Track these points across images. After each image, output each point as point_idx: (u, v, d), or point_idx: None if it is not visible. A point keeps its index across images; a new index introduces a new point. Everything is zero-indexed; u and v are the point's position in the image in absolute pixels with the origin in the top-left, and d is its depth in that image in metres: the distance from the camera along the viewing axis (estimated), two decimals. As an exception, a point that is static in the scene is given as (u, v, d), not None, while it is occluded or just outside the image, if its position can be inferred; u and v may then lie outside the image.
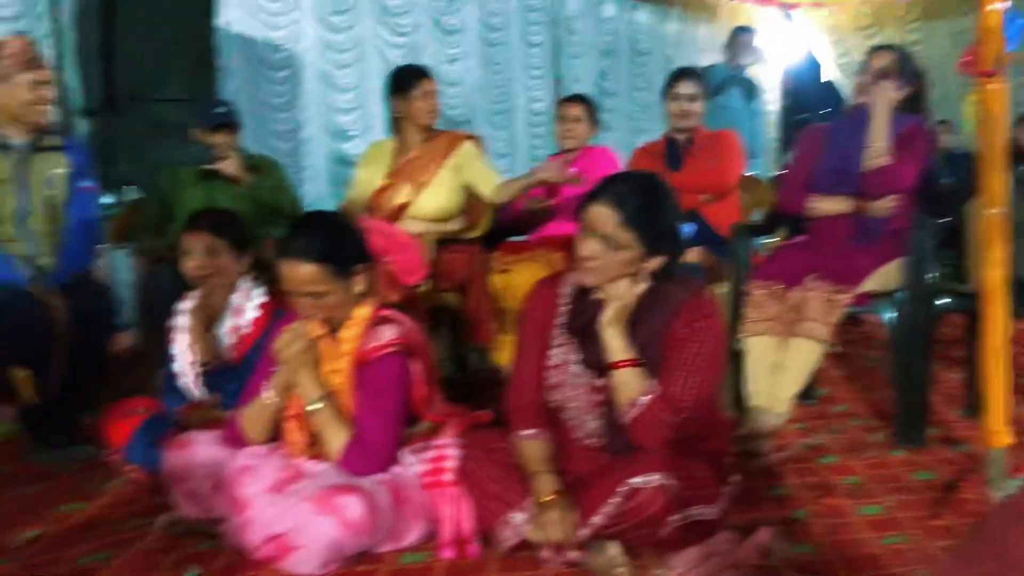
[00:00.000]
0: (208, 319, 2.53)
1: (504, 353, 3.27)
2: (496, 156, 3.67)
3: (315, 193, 5.62)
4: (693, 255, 3.23)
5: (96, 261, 3.09)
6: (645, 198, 1.86)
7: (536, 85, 6.81)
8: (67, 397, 2.80)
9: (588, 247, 1.88)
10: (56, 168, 2.91)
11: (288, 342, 2.05)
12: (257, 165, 3.45)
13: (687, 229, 2.43)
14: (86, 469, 2.65)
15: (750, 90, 5.84)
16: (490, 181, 3.28)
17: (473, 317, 3.22)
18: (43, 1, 4.51)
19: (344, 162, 5.84)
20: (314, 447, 2.08)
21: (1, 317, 2.69)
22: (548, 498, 1.86)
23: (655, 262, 1.89)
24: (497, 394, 3.13)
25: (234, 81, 5.03)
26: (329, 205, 4.81)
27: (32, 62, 2.83)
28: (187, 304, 2.56)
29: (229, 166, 3.34)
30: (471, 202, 3.39)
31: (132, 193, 4.04)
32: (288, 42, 5.55)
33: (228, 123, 3.38)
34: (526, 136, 6.75)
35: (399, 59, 5.77)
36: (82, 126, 4.32)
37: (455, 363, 3.59)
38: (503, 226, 3.57)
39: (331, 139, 5.85)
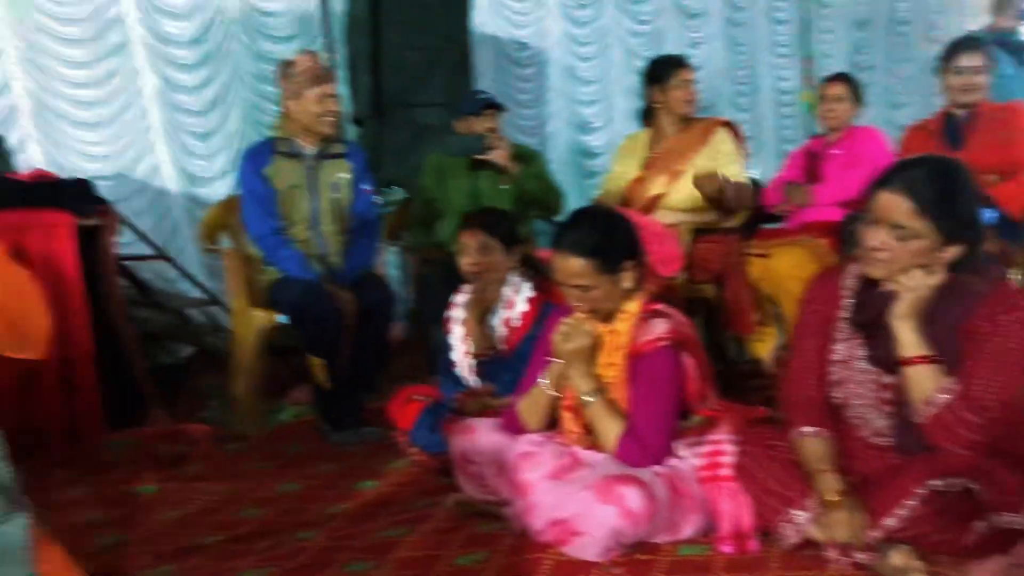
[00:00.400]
0: (481, 312, 2.67)
1: (765, 344, 3.19)
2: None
3: (560, 185, 5.75)
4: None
5: (376, 258, 3.34)
6: (942, 184, 1.75)
7: (782, 64, 6.57)
8: (354, 383, 3.07)
9: (877, 237, 1.78)
10: (341, 173, 3.18)
11: (565, 336, 2.11)
12: (521, 155, 3.48)
13: (987, 216, 2.25)
14: (374, 450, 2.88)
15: (1021, 54, 5.27)
16: (733, 176, 3.19)
17: (732, 308, 3.16)
18: (316, 19, 4.94)
19: (587, 154, 5.92)
20: (589, 437, 2.14)
21: (299, 311, 3.00)
22: (834, 497, 1.80)
23: (952, 252, 1.77)
24: (757, 386, 3.08)
25: (484, 80, 5.25)
26: (573, 197, 4.90)
27: (320, 77, 3.09)
28: (462, 297, 2.72)
29: (500, 156, 3.35)
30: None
31: (398, 194, 4.33)
32: (534, 39, 5.71)
33: (493, 104, 3.48)
34: (773, 118, 6.53)
35: (641, 48, 5.77)
36: (351, 133, 4.67)
37: (713, 355, 3.54)
38: (760, 215, 3.47)
39: (574, 132, 5.95)
